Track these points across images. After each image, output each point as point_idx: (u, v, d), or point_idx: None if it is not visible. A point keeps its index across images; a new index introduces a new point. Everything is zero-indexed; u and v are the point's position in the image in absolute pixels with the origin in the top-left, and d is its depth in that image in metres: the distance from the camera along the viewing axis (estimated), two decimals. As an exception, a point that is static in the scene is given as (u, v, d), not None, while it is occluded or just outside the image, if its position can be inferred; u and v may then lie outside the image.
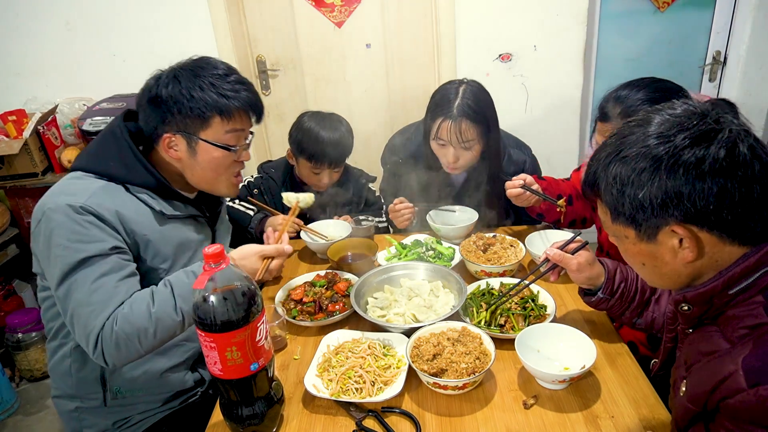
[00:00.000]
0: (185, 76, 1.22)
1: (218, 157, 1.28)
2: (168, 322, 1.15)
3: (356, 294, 1.42)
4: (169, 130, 1.24)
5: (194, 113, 1.22)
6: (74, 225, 1.14)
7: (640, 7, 2.84)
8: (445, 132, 1.70)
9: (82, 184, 1.22)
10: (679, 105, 0.80)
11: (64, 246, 1.14)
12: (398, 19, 2.80)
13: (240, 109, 1.26)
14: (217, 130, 1.25)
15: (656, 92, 1.34)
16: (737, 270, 0.77)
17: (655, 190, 0.76)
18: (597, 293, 1.22)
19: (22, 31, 2.65)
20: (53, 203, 1.16)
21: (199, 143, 1.25)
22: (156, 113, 1.24)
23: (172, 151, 1.27)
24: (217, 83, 1.23)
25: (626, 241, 0.86)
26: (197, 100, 1.21)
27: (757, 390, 0.69)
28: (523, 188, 1.65)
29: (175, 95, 1.21)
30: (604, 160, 0.83)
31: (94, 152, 1.28)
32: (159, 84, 1.23)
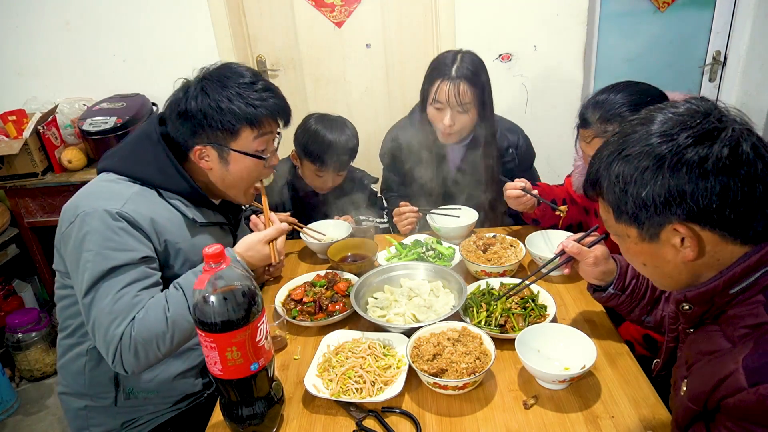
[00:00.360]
0: (212, 87, 1.23)
1: (249, 165, 1.30)
2: (184, 325, 1.17)
3: (356, 294, 1.42)
4: (200, 142, 1.26)
5: (224, 126, 1.23)
6: (108, 232, 1.16)
7: (640, 7, 2.84)
8: (444, 93, 1.73)
9: (118, 189, 1.23)
10: (682, 104, 0.80)
11: (95, 252, 1.15)
12: (398, 19, 2.80)
13: (268, 116, 1.27)
14: (247, 139, 1.27)
15: (634, 95, 1.34)
16: (738, 269, 0.77)
17: (658, 188, 0.76)
18: (608, 289, 1.21)
19: (22, 31, 2.65)
20: (90, 207, 1.17)
21: (230, 153, 1.27)
22: (186, 126, 1.25)
23: (203, 161, 1.28)
24: (245, 93, 1.23)
25: (628, 240, 0.86)
26: (226, 112, 1.21)
27: (758, 389, 0.69)
28: (524, 191, 1.65)
29: (204, 108, 1.22)
30: (607, 159, 0.83)
31: (129, 155, 1.29)
32: (188, 97, 1.23)
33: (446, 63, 1.75)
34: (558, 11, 2.67)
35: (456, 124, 1.78)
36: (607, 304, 1.24)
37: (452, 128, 1.78)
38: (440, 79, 1.74)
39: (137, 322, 1.14)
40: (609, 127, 1.34)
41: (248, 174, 1.32)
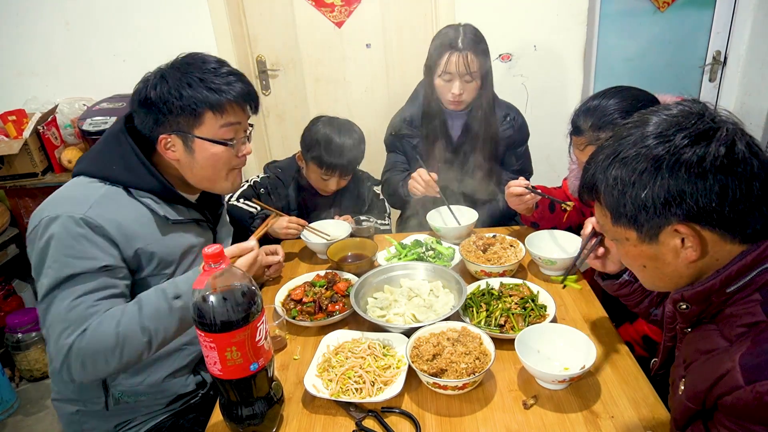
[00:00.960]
0: (172, 75, 1.20)
1: (216, 153, 1.25)
2: (134, 343, 1.13)
3: (356, 294, 1.42)
4: (164, 131, 1.22)
5: (185, 111, 1.19)
6: (69, 239, 1.13)
7: (640, 7, 2.84)
8: (453, 65, 1.83)
9: (85, 192, 1.20)
10: (674, 106, 0.81)
11: (55, 259, 1.13)
12: (398, 19, 2.80)
13: (232, 101, 1.22)
14: (212, 126, 1.22)
15: (625, 101, 1.34)
16: (734, 268, 0.78)
17: (657, 189, 0.76)
18: (622, 275, 1.20)
19: (22, 31, 2.65)
20: (53, 212, 1.15)
21: (195, 141, 1.23)
22: (148, 116, 1.22)
23: (169, 152, 1.25)
24: (206, 77, 1.20)
25: (627, 243, 0.85)
26: (186, 97, 1.18)
27: (754, 387, 0.70)
28: (528, 188, 1.65)
29: (163, 95, 1.18)
30: (603, 162, 0.83)
31: (97, 155, 1.27)
32: (147, 86, 1.21)
33: (450, 36, 1.84)
34: (558, 11, 2.67)
35: (464, 93, 1.88)
36: (618, 293, 1.22)
37: (461, 96, 1.88)
38: (448, 51, 1.83)
39: (88, 333, 1.11)
40: (602, 134, 1.33)
41: (216, 162, 1.26)
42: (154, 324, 1.13)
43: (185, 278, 1.18)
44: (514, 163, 2.08)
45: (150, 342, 1.14)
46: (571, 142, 1.45)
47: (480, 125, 1.98)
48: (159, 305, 1.14)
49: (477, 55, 1.83)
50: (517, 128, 2.05)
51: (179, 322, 1.16)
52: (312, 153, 1.88)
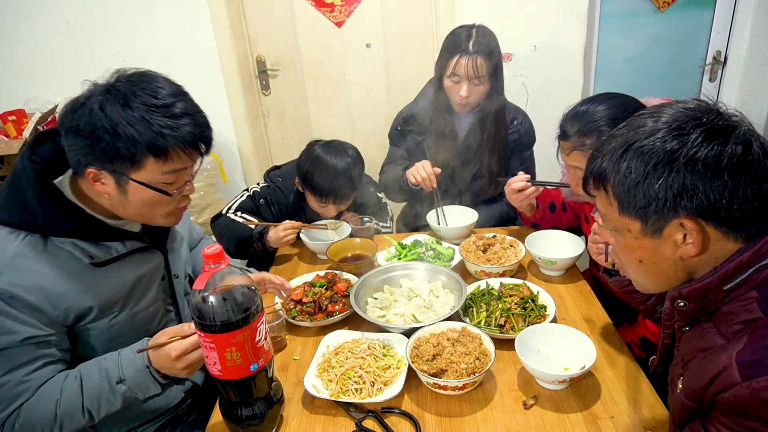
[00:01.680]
0: (112, 104, 1.00)
1: (153, 198, 1.09)
2: (75, 420, 1.06)
3: (356, 294, 1.42)
4: (93, 165, 1.04)
5: (121, 154, 1.01)
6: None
7: (640, 7, 2.84)
8: (462, 67, 1.82)
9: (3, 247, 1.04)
10: (691, 101, 0.81)
11: None
12: (398, 19, 2.80)
13: (180, 148, 1.04)
14: (153, 171, 1.05)
15: (612, 109, 1.34)
16: (731, 265, 0.78)
17: (671, 182, 0.76)
18: None
19: (22, 31, 2.65)
20: None
21: (129, 183, 1.05)
22: (76, 144, 1.03)
23: (98, 185, 1.07)
24: (152, 116, 1.00)
25: (628, 235, 0.85)
26: (125, 138, 0.99)
27: (750, 383, 0.70)
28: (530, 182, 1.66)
29: (97, 129, 0.99)
30: (615, 152, 0.82)
31: (4, 201, 1.08)
32: (77, 111, 1.01)
33: (463, 38, 1.83)
34: (558, 11, 2.67)
35: (472, 95, 1.88)
36: (623, 289, 1.22)
37: (468, 99, 1.88)
38: (458, 53, 1.82)
39: (24, 412, 1.03)
40: (587, 140, 1.34)
41: (153, 205, 1.11)
42: (96, 404, 1.06)
43: (131, 362, 1.06)
44: (518, 167, 2.07)
45: (92, 418, 1.07)
46: (559, 146, 1.46)
47: (488, 127, 1.97)
48: (101, 387, 1.05)
49: (487, 58, 1.82)
50: (523, 132, 2.04)
51: (123, 402, 1.08)
52: (307, 182, 1.82)
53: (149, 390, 1.08)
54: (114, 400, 1.07)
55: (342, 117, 3.03)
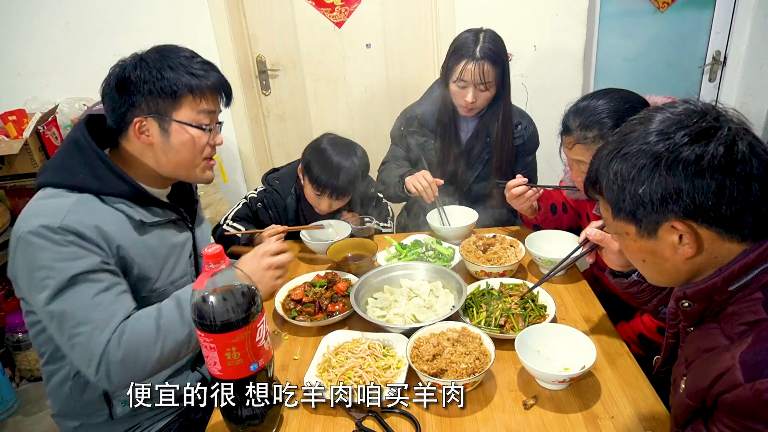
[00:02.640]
0: (152, 58, 1.20)
1: (192, 137, 1.23)
2: (175, 334, 1.13)
3: (356, 294, 1.42)
4: (140, 114, 1.19)
5: (166, 92, 1.18)
6: (56, 246, 1.09)
7: (640, 7, 2.84)
8: (469, 73, 1.80)
9: (55, 203, 1.14)
10: (681, 104, 0.81)
11: (49, 267, 1.08)
12: (398, 19, 2.80)
13: (211, 88, 1.23)
14: (190, 110, 1.22)
15: (614, 102, 1.35)
16: (736, 266, 0.78)
17: (654, 186, 0.77)
18: (631, 275, 1.20)
19: (22, 31, 2.65)
20: (29, 227, 1.10)
21: (171, 124, 1.21)
22: (124, 98, 1.19)
23: (143, 137, 1.21)
24: (186, 63, 1.21)
25: (627, 237, 0.86)
26: (168, 79, 1.17)
27: (753, 384, 0.70)
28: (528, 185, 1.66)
29: (144, 76, 1.17)
30: (606, 158, 0.84)
31: (60, 165, 1.21)
32: (126, 68, 1.19)
33: (469, 43, 1.81)
34: (558, 11, 2.67)
35: (477, 101, 1.87)
36: (627, 291, 1.23)
37: (474, 104, 1.87)
38: (465, 59, 1.81)
39: (128, 327, 1.10)
40: (589, 133, 1.35)
41: (192, 147, 1.24)
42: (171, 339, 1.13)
43: None
44: (520, 171, 2.06)
45: (190, 335, 1.14)
46: (562, 142, 1.47)
47: (492, 131, 1.96)
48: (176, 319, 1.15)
49: (494, 64, 1.80)
50: (528, 137, 2.03)
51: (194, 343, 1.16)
52: (308, 168, 1.84)
53: None
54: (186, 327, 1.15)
55: (342, 117, 3.03)
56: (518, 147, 2.03)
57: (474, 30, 1.86)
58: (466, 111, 1.92)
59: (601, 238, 1.21)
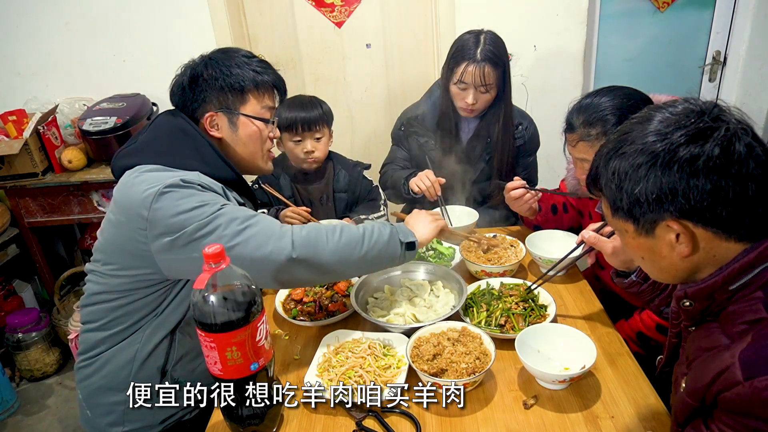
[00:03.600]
0: (218, 58, 1.30)
1: (257, 130, 1.34)
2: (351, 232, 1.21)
3: (356, 294, 1.42)
4: (211, 108, 1.29)
5: (234, 88, 1.28)
6: (200, 192, 1.16)
7: (640, 7, 2.84)
8: (470, 76, 1.80)
9: (179, 172, 1.20)
10: (680, 103, 0.81)
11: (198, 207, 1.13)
12: (398, 19, 2.80)
13: (271, 84, 1.34)
14: (254, 105, 1.32)
15: (617, 99, 1.36)
16: (736, 266, 0.78)
17: (650, 185, 0.77)
18: (631, 276, 1.21)
19: (22, 31, 2.65)
20: (168, 182, 1.13)
21: (239, 118, 1.31)
22: (197, 93, 1.28)
23: (214, 130, 1.31)
24: (248, 62, 1.31)
25: (626, 235, 0.87)
26: (236, 75, 1.28)
27: (752, 382, 0.70)
28: (526, 188, 1.66)
29: (215, 73, 1.27)
30: (605, 156, 0.84)
31: (167, 150, 1.25)
32: (196, 66, 1.29)
33: (470, 45, 1.81)
34: (558, 11, 2.67)
35: (478, 103, 1.87)
36: (628, 291, 1.23)
37: (474, 106, 1.87)
38: (465, 61, 1.80)
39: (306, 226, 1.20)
40: (593, 130, 1.36)
41: (257, 138, 1.35)
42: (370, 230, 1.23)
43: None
44: (520, 173, 2.06)
45: (363, 239, 1.21)
46: (566, 140, 1.47)
47: (493, 132, 1.96)
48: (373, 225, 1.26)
49: (495, 66, 1.80)
50: (528, 138, 2.03)
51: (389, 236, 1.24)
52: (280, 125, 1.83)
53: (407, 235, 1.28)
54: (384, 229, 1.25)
55: (342, 117, 3.03)
56: (519, 147, 2.03)
57: (475, 31, 1.85)
58: (467, 112, 1.92)
59: (595, 241, 1.23)
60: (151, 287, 1.25)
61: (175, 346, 1.31)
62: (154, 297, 1.26)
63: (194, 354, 1.33)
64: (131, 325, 1.29)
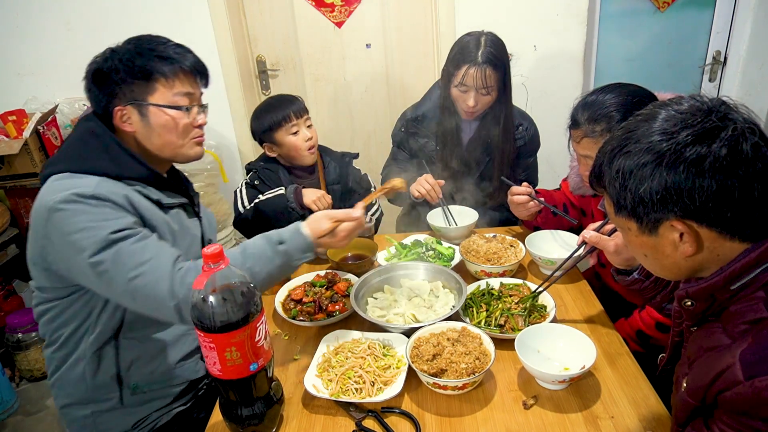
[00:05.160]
0: (122, 48, 1.24)
1: (171, 118, 1.25)
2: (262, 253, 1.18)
3: (356, 294, 1.42)
4: (118, 103, 1.22)
5: (137, 78, 1.21)
6: (92, 209, 1.12)
7: (640, 7, 2.84)
8: (471, 78, 1.80)
9: (79, 181, 1.16)
10: (686, 101, 0.80)
11: (89, 228, 1.10)
12: (398, 19, 2.80)
13: (183, 70, 1.25)
14: (164, 94, 1.24)
15: (622, 96, 1.36)
16: (738, 266, 0.78)
17: (655, 185, 0.77)
18: (632, 273, 1.21)
19: (22, 31, 2.65)
20: (59, 197, 1.11)
21: (149, 108, 1.23)
22: (102, 89, 1.22)
23: (126, 125, 1.24)
24: (157, 48, 1.23)
25: (629, 233, 0.87)
26: (138, 65, 1.20)
27: (753, 382, 0.70)
28: (531, 196, 1.66)
29: (115, 65, 1.21)
30: (609, 154, 0.83)
31: (77, 154, 1.22)
32: (98, 61, 1.24)
33: (471, 47, 1.81)
34: (558, 11, 2.67)
35: (478, 105, 1.87)
36: (630, 288, 1.23)
37: (475, 108, 1.87)
38: (466, 64, 1.80)
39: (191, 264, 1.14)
40: (597, 127, 1.36)
41: (174, 128, 1.26)
42: (257, 262, 1.18)
43: (285, 229, 1.24)
44: (520, 174, 2.07)
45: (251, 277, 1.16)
46: (570, 136, 1.47)
47: (494, 134, 1.96)
48: (263, 248, 1.19)
49: (496, 69, 1.80)
50: (529, 139, 2.03)
51: (280, 269, 1.21)
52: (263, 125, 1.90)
53: (304, 254, 1.23)
54: (275, 260, 1.20)
55: (342, 117, 3.03)
56: (519, 149, 2.02)
57: (475, 34, 1.85)
58: (468, 115, 1.92)
59: (597, 241, 1.23)
60: (71, 296, 1.25)
61: (122, 353, 1.29)
62: (80, 306, 1.25)
63: (147, 358, 1.32)
64: (68, 337, 1.29)
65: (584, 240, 1.28)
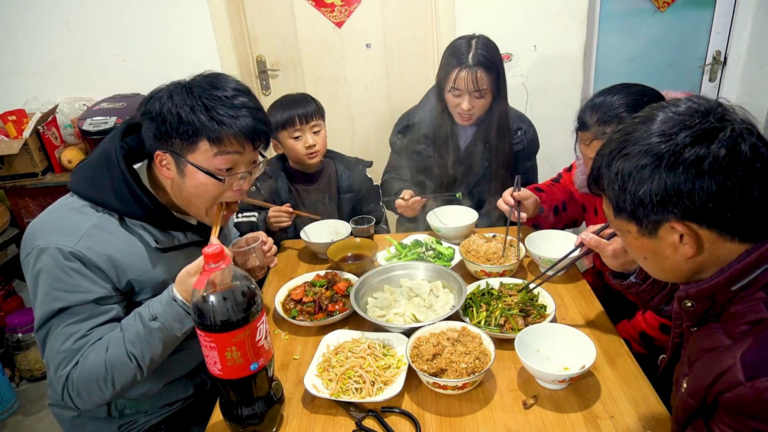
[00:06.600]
0: (179, 93, 1.13)
1: (207, 183, 1.17)
2: (123, 369, 1.13)
3: (356, 294, 1.42)
4: (161, 148, 1.16)
5: (180, 135, 1.12)
6: (59, 272, 1.11)
7: (640, 7, 2.84)
8: (462, 81, 1.79)
9: (77, 220, 1.17)
10: (683, 102, 0.80)
11: (46, 292, 1.12)
12: (398, 19, 2.80)
13: (233, 135, 1.13)
14: (206, 154, 1.14)
15: (631, 96, 1.36)
16: (738, 267, 0.78)
17: (655, 187, 0.77)
18: (629, 277, 1.21)
19: (22, 32, 2.65)
20: (44, 242, 1.12)
21: (187, 166, 1.15)
22: (149, 128, 1.16)
23: (164, 169, 1.19)
24: (213, 105, 1.12)
25: (629, 235, 0.87)
26: (185, 121, 1.11)
27: (754, 383, 0.70)
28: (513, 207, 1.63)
29: (164, 112, 1.12)
30: (608, 156, 0.84)
31: (89, 178, 1.21)
32: (153, 97, 1.16)
33: (462, 51, 1.80)
34: (558, 11, 2.67)
35: (474, 108, 1.86)
36: (627, 292, 1.23)
37: (470, 112, 1.86)
38: (458, 67, 1.79)
39: (79, 364, 1.11)
40: (607, 128, 1.35)
41: (204, 192, 1.18)
42: (138, 348, 1.13)
43: (158, 299, 1.16)
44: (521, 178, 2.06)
45: (139, 365, 1.14)
46: (577, 138, 1.47)
47: (491, 138, 1.95)
48: (138, 329, 1.14)
49: (488, 71, 1.79)
50: (527, 142, 2.02)
51: (161, 343, 1.15)
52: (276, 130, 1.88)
53: (182, 323, 1.15)
54: (151, 340, 1.14)
55: (342, 117, 3.03)
56: (518, 153, 2.01)
57: (466, 37, 1.84)
58: (464, 120, 1.91)
59: (596, 244, 1.22)
60: None
61: None
62: None
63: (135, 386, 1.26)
64: None
65: (582, 241, 1.27)
